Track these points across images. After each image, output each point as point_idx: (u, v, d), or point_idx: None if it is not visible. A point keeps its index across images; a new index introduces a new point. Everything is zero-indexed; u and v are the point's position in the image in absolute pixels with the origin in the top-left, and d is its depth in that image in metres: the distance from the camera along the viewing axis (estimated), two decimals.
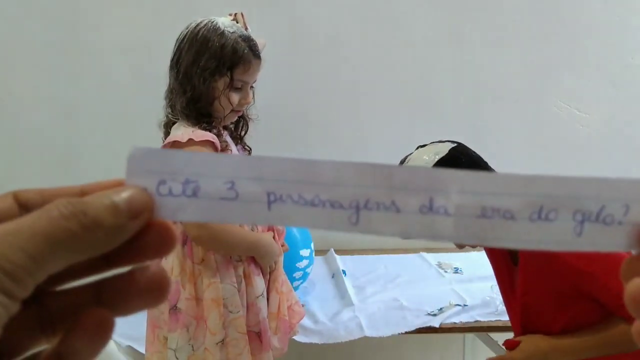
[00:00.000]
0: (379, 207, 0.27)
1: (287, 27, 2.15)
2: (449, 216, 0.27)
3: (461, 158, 1.15)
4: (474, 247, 1.59)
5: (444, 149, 1.15)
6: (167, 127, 1.38)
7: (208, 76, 1.30)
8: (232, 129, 1.48)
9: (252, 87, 1.42)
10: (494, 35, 2.20)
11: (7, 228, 0.23)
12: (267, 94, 1.52)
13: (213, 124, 1.33)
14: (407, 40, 2.19)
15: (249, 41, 1.33)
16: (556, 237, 0.27)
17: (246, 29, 1.36)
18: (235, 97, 1.33)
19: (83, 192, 0.26)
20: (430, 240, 0.28)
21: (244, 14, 1.38)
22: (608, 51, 2.20)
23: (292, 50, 2.16)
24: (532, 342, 1.21)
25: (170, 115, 1.38)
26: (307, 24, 2.17)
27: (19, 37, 2.11)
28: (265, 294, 1.40)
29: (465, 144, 1.22)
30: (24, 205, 0.26)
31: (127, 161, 0.27)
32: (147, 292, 0.26)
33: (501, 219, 0.27)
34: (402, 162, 1.20)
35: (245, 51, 1.31)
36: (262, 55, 1.40)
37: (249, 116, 1.48)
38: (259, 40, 1.40)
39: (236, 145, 1.44)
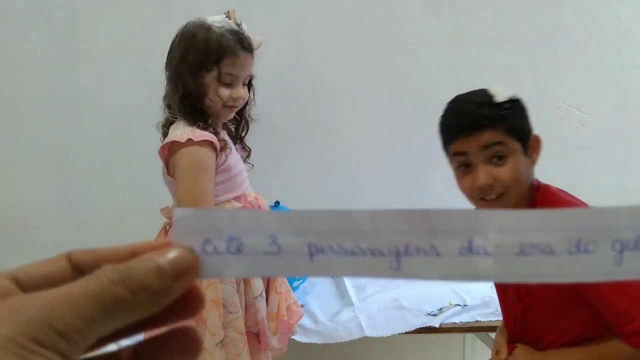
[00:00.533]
0: (419, 252, 0.28)
1: (287, 27, 2.15)
2: (489, 256, 0.27)
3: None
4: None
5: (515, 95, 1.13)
6: (165, 127, 1.39)
7: (196, 71, 1.30)
8: (233, 128, 1.47)
9: (248, 83, 1.40)
10: (494, 35, 2.20)
11: (61, 292, 0.24)
12: (267, 93, 1.52)
13: (209, 121, 1.32)
14: (407, 40, 2.19)
15: (236, 34, 1.32)
16: (597, 268, 0.27)
17: (237, 24, 1.35)
18: (225, 92, 1.32)
19: (134, 253, 0.27)
20: (473, 282, 0.28)
21: (236, 10, 1.38)
22: (608, 51, 2.20)
23: (292, 50, 2.16)
24: (526, 352, 1.19)
25: (169, 115, 1.38)
26: (307, 24, 2.17)
27: (19, 37, 2.11)
28: (264, 294, 1.40)
29: None
30: (77, 266, 0.28)
31: (174, 222, 0.28)
32: (181, 353, 0.28)
33: (540, 254, 0.27)
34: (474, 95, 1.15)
35: (232, 43, 1.30)
36: (260, 52, 1.40)
37: (250, 116, 1.48)
38: (256, 37, 1.39)
39: (235, 144, 1.44)
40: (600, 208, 0.27)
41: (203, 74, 1.30)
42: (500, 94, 1.10)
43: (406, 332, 1.66)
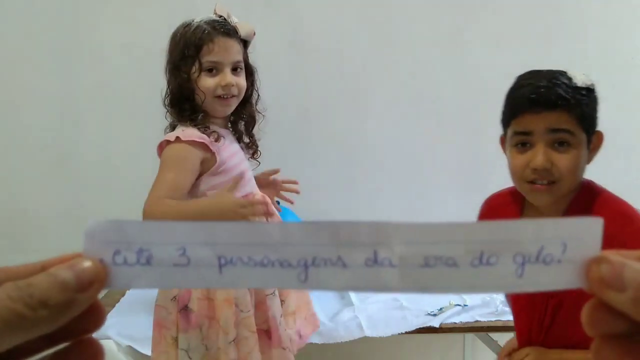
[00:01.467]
0: (326, 264, 0.28)
1: (287, 26, 2.15)
2: (394, 267, 0.28)
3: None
4: None
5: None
6: (172, 129, 1.38)
7: (179, 69, 1.30)
8: (239, 125, 1.44)
9: (247, 74, 1.38)
10: (494, 35, 2.20)
11: None
12: (266, 93, 1.52)
13: (198, 118, 1.31)
14: (407, 40, 2.19)
15: (213, 22, 1.31)
16: (498, 280, 0.28)
17: (219, 15, 1.34)
18: (210, 81, 1.30)
19: (43, 268, 0.27)
20: (378, 293, 0.28)
21: (224, 4, 1.37)
22: (608, 51, 2.20)
23: (292, 50, 2.16)
24: (539, 351, 1.11)
25: (173, 118, 1.38)
26: (308, 24, 2.17)
27: (19, 37, 2.11)
28: (277, 292, 1.40)
29: (466, 143, 1.21)
30: None
31: (85, 233, 0.28)
32: None
33: (444, 266, 0.28)
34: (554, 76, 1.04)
35: (207, 31, 1.29)
36: (260, 52, 1.39)
37: (258, 111, 1.45)
38: (244, 26, 1.37)
39: (239, 143, 1.43)
40: (503, 222, 0.28)
41: (186, 69, 1.30)
42: (580, 79, 1.04)
43: (406, 332, 1.66)
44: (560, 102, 1.00)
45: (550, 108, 1.00)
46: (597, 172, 1.10)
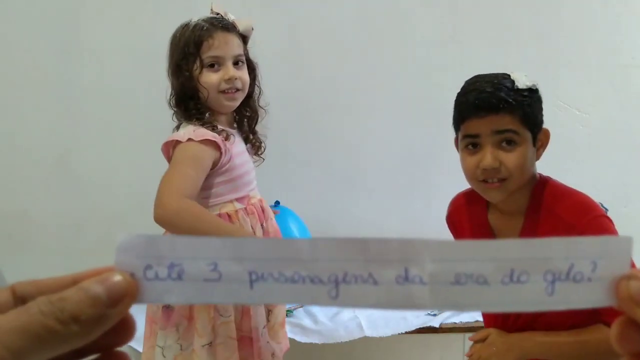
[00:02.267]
0: (357, 280, 0.28)
1: (287, 26, 2.15)
2: (425, 285, 0.28)
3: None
4: None
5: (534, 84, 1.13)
6: (178, 129, 1.38)
7: (182, 68, 1.30)
8: (245, 122, 1.43)
9: (249, 68, 1.37)
10: (494, 35, 2.20)
11: None
12: (266, 93, 1.52)
13: (205, 116, 1.30)
14: (407, 40, 2.19)
15: (210, 19, 1.31)
16: (529, 298, 0.28)
17: (216, 13, 1.34)
18: (213, 77, 1.29)
19: (75, 282, 0.27)
20: (409, 310, 0.28)
21: (221, 3, 1.37)
22: (608, 51, 2.20)
23: (292, 50, 2.16)
24: (502, 335, 1.16)
25: (179, 118, 1.38)
26: (307, 23, 2.17)
27: (19, 36, 2.10)
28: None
29: None
30: (21, 298, 0.28)
31: (117, 247, 0.28)
32: None
33: (474, 284, 0.28)
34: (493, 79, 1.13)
35: (205, 28, 1.29)
36: (260, 52, 1.39)
37: (261, 106, 1.43)
38: (242, 21, 1.36)
39: (246, 144, 1.42)
40: (534, 240, 0.28)
41: (188, 68, 1.30)
42: (521, 81, 1.10)
43: (406, 332, 1.66)
44: (502, 105, 1.07)
45: (494, 111, 1.07)
46: (597, 171, 1.11)
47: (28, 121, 2.14)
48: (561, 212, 1.10)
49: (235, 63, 1.33)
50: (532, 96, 1.11)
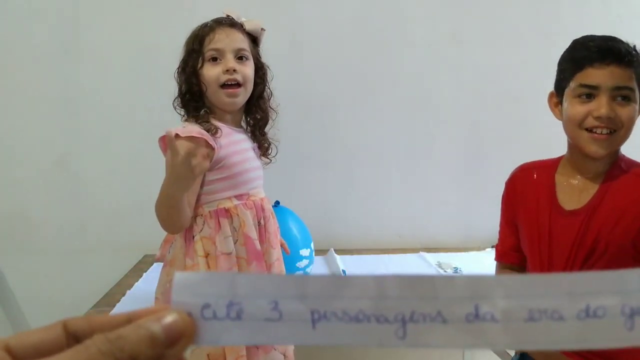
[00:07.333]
0: (425, 319, 0.27)
1: (287, 26, 2.15)
2: (497, 322, 0.27)
3: None
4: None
5: None
6: None
7: (188, 61, 1.31)
8: (253, 123, 1.41)
9: (256, 67, 1.36)
10: (494, 35, 2.20)
11: None
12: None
13: (202, 111, 1.30)
14: (407, 40, 2.19)
15: (218, 18, 1.33)
16: (608, 333, 0.26)
17: (227, 16, 1.35)
18: (214, 70, 1.29)
19: (130, 320, 0.27)
20: (482, 349, 0.28)
21: (233, 8, 1.38)
22: None
23: (292, 50, 2.16)
24: None
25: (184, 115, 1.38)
26: (307, 23, 2.17)
27: (19, 36, 2.11)
28: None
29: (465, 143, 1.21)
30: (72, 334, 0.27)
31: (173, 285, 0.27)
32: None
33: (549, 320, 0.27)
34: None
35: (210, 25, 1.31)
36: (260, 52, 1.39)
37: (271, 107, 1.42)
38: (251, 21, 1.37)
39: (253, 142, 1.41)
40: (608, 272, 0.26)
41: (192, 64, 1.30)
42: (631, 43, 1.13)
43: None
44: (627, 58, 1.09)
45: (617, 61, 1.08)
46: None
47: (28, 121, 2.14)
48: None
49: (239, 58, 1.32)
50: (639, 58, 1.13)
